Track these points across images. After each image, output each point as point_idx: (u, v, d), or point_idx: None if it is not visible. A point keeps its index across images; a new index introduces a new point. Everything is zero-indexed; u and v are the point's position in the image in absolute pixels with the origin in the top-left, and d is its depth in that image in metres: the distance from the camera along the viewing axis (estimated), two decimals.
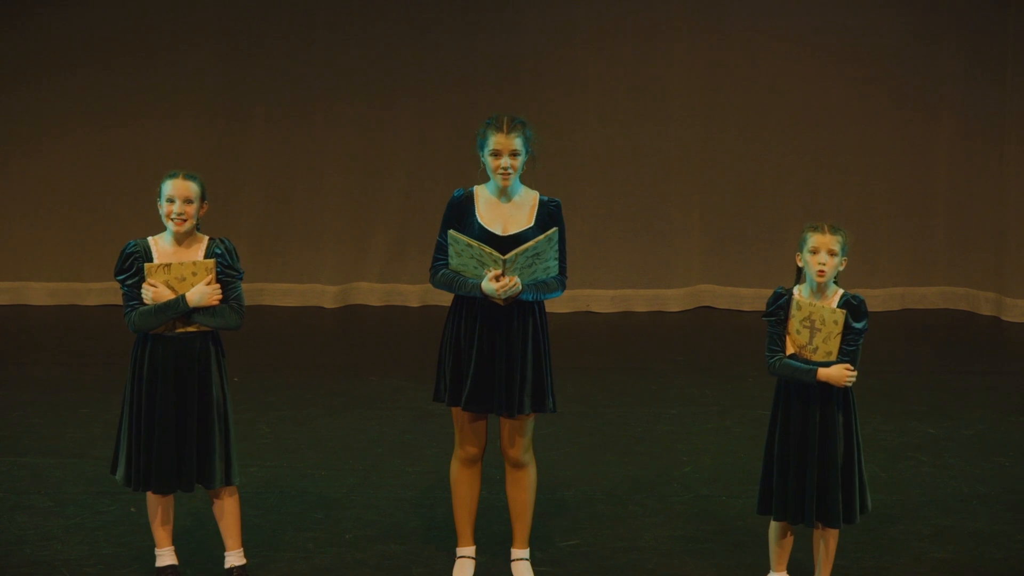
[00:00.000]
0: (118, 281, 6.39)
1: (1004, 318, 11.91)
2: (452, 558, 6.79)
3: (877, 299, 11.98)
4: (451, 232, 6.37)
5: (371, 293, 12.25)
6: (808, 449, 6.26)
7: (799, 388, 6.27)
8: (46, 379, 9.85)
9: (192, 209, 6.37)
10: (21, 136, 11.95)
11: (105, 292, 12.05)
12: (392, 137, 12.08)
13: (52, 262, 12.08)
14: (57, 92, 11.87)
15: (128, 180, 11.97)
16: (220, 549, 6.71)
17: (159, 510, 6.52)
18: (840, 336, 6.21)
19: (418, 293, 12.16)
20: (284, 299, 12.16)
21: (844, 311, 6.21)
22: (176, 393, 6.35)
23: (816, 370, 6.20)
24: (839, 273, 6.31)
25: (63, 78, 11.87)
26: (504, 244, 6.39)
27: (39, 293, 12.10)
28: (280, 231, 12.08)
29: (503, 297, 6.34)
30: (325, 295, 12.19)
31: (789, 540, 6.46)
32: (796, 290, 6.34)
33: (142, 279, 6.34)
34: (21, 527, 7.20)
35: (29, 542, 7.02)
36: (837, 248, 6.25)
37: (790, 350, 6.28)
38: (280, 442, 8.54)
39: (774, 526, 6.45)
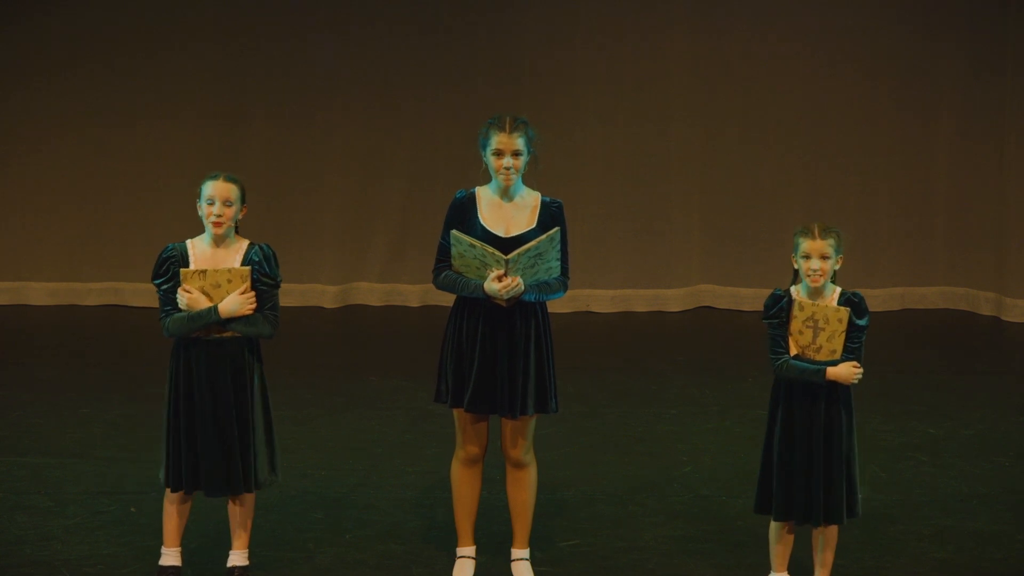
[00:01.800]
0: (155, 285, 6.38)
1: (1004, 318, 11.91)
2: (452, 558, 6.79)
3: (877, 299, 11.98)
4: (454, 232, 6.37)
5: (371, 293, 12.25)
6: (814, 448, 6.26)
7: (803, 388, 6.26)
8: (46, 379, 9.84)
9: (231, 212, 6.35)
10: (21, 136, 11.95)
11: (105, 292, 12.05)
12: (392, 137, 12.08)
13: (52, 262, 12.08)
14: (57, 92, 11.87)
15: (128, 180, 11.97)
16: (220, 549, 6.71)
17: (175, 510, 6.52)
18: (844, 334, 6.21)
19: (418, 293, 12.15)
20: (284, 299, 12.01)
21: (848, 309, 6.21)
22: (210, 397, 6.35)
23: (825, 370, 6.20)
24: (836, 271, 6.31)
25: (63, 78, 11.87)
26: (506, 245, 6.38)
27: (39, 293, 12.10)
28: (280, 231, 12.08)
29: (505, 298, 6.34)
30: (325, 295, 12.19)
31: (790, 540, 6.46)
32: (794, 291, 6.34)
33: (178, 284, 6.32)
34: (21, 527, 7.20)
35: (29, 542, 7.02)
36: (830, 251, 6.24)
37: (793, 351, 6.28)
38: (280, 442, 8.53)
39: (774, 526, 6.45)
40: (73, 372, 10.09)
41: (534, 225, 6.46)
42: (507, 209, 6.49)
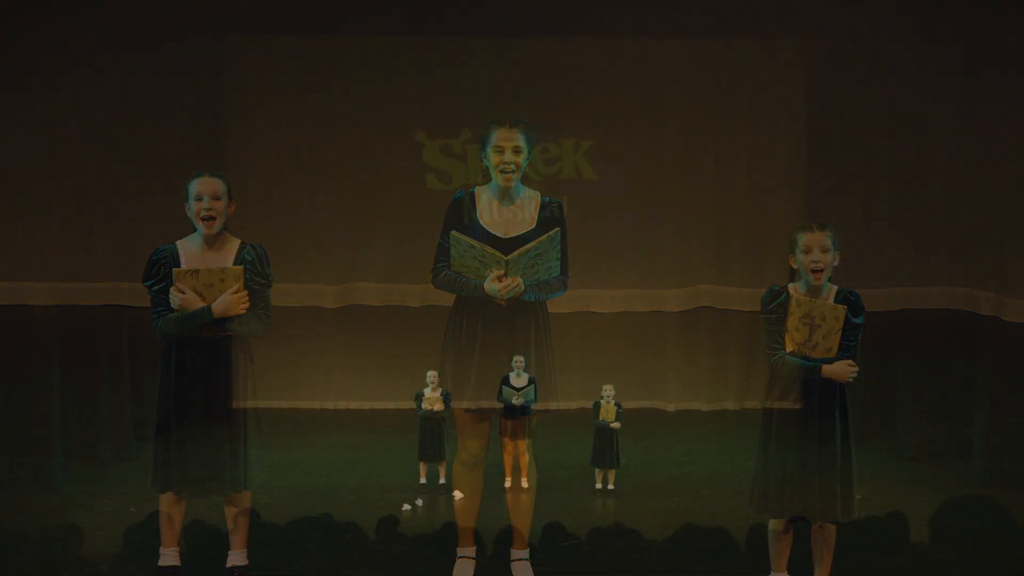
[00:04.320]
0: (146, 287, 6.38)
1: (1004, 318, 11.89)
2: (452, 558, 6.79)
3: (877, 299, 11.96)
4: (453, 233, 6.37)
5: (371, 293, 12.24)
6: (809, 445, 6.27)
7: (799, 384, 6.27)
8: (46, 379, 9.84)
9: (220, 206, 6.38)
10: (21, 136, 11.93)
11: (105, 292, 12.03)
12: (392, 137, 12.06)
13: (52, 262, 12.06)
14: (57, 92, 11.85)
15: (129, 180, 11.96)
16: (221, 549, 6.71)
17: (170, 511, 6.52)
18: (840, 332, 6.22)
19: (418, 293, 12.14)
20: (284, 299, 12.12)
21: (845, 307, 6.23)
22: (203, 396, 6.35)
23: (821, 367, 6.21)
24: (832, 270, 6.34)
25: (63, 78, 11.85)
26: (506, 246, 6.38)
27: (39, 293, 12.09)
28: (280, 231, 12.07)
29: (505, 297, 6.34)
30: (325, 295, 12.18)
31: (788, 538, 6.46)
32: (792, 287, 6.35)
33: (169, 285, 6.32)
34: (21, 527, 7.19)
35: (29, 542, 7.02)
36: (829, 244, 6.28)
37: (788, 348, 6.29)
38: (278, 442, 8.53)
39: (773, 525, 6.45)
40: (73, 372, 10.08)
41: (534, 226, 6.46)
42: (507, 210, 6.49)
